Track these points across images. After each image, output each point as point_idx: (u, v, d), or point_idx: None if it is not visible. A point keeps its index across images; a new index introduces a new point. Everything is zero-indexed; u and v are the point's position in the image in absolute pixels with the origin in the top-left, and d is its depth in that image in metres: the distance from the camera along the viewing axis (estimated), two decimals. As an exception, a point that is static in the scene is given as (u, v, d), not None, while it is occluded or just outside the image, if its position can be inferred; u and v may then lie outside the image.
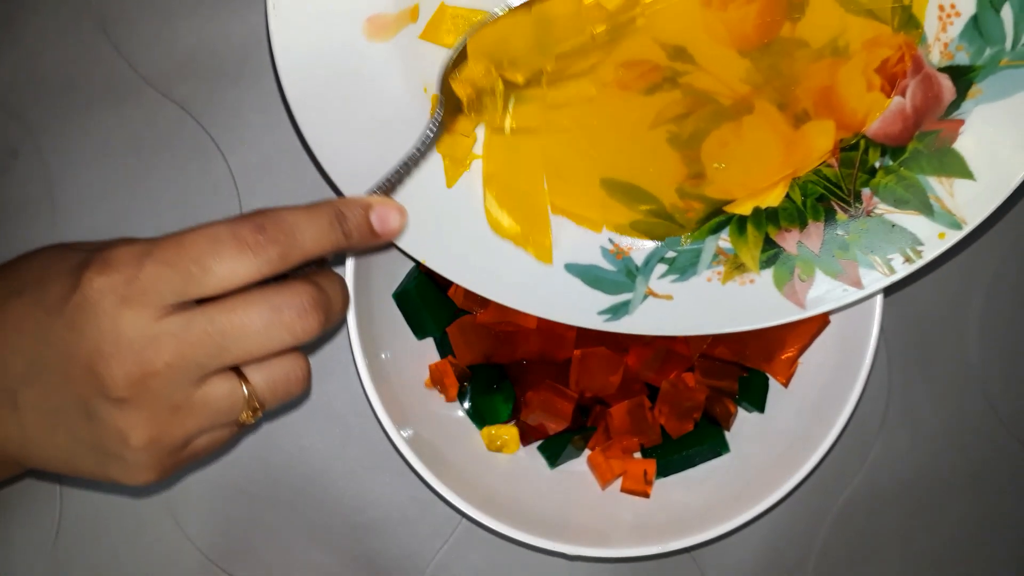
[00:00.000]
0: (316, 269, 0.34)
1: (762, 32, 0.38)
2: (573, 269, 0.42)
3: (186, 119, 0.50)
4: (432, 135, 0.38)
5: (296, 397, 0.33)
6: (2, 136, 0.49)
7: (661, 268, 0.42)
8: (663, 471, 0.46)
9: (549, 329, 0.44)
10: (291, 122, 0.49)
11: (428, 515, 0.49)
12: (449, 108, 0.39)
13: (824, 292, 0.41)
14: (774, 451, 0.44)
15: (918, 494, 0.51)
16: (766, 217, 0.41)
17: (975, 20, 0.36)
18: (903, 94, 0.38)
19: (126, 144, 0.49)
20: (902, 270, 0.40)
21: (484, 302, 0.43)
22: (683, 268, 0.42)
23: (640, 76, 0.39)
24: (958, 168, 0.38)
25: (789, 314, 0.41)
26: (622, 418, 0.45)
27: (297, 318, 0.30)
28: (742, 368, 0.45)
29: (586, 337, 0.44)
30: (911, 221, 0.39)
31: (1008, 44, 0.36)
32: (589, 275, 0.42)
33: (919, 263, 0.39)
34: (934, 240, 0.39)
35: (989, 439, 0.51)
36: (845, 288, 0.40)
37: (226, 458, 0.48)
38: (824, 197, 0.40)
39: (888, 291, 0.42)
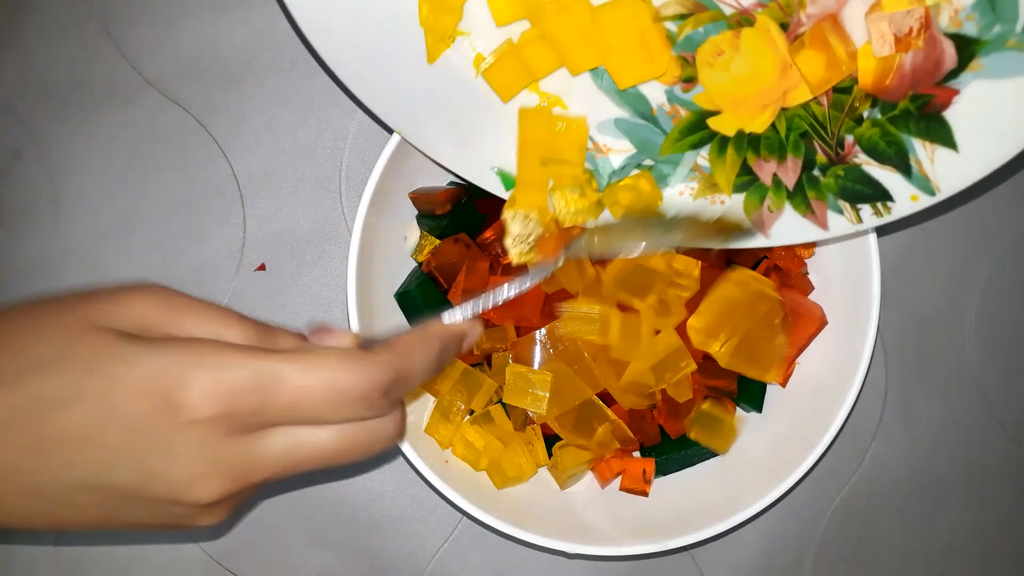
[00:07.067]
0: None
1: None
2: None
3: (189, 121, 0.50)
4: (536, 278, 0.36)
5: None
6: (5, 138, 0.50)
7: (636, 174, 0.42)
8: (662, 470, 0.46)
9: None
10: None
11: (429, 513, 0.49)
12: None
13: (790, 227, 0.41)
14: (772, 451, 0.44)
15: (915, 493, 0.51)
16: (747, 142, 0.41)
17: None
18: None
19: (129, 146, 0.50)
20: (869, 221, 0.40)
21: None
22: (659, 178, 0.42)
23: None
24: (944, 137, 0.38)
25: (752, 240, 0.42)
26: (621, 417, 0.45)
27: (386, 443, 0.29)
28: (740, 368, 0.46)
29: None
30: (887, 177, 0.39)
31: (1019, 26, 0.35)
32: None
33: (887, 219, 0.40)
34: (906, 200, 0.39)
35: (985, 439, 0.51)
36: (811, 227, 0.41)
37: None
38: (808, 134, 0.40)
39: (885, 292, 0.42)
